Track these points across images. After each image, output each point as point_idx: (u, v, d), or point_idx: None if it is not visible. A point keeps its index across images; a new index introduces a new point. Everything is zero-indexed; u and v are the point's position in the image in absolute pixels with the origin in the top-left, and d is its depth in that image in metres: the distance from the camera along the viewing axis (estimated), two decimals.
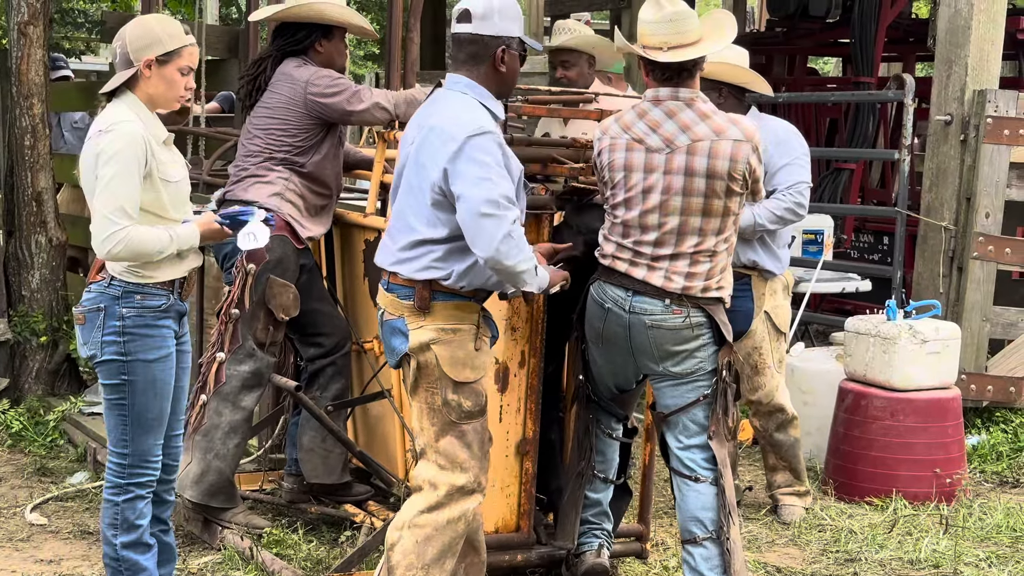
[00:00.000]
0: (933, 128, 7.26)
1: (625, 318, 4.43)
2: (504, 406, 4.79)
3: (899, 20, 10.60)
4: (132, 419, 4.23)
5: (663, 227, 4.38)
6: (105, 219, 4.02)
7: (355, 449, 5.48)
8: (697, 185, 4.35)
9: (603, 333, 4.52)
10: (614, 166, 4.45)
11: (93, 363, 4.24)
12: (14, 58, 7.22)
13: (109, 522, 4.27)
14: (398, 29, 7.29)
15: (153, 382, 4.21)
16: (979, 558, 5.50)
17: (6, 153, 7.52)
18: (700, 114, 4.40)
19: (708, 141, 4.35)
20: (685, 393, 4.47)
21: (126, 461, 4.27)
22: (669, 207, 4.37)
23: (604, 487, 4.84)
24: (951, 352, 6.36)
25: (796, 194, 5.62)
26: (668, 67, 4.41)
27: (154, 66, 4.15)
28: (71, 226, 7.68)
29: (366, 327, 5.54)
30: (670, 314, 4.39)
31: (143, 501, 4.29)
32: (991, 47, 7.17)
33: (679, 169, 4.36)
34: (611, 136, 4.48)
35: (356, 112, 5.35)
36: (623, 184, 4.43)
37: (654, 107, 4.44)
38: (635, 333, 4.43)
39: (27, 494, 6.00)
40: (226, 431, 5.33)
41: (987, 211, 7.08)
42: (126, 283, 4.15)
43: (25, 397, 7.26)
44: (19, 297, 7.38)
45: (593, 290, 4.53)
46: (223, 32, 8.68)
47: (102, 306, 4.16)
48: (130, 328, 4.15)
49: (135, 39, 4.15)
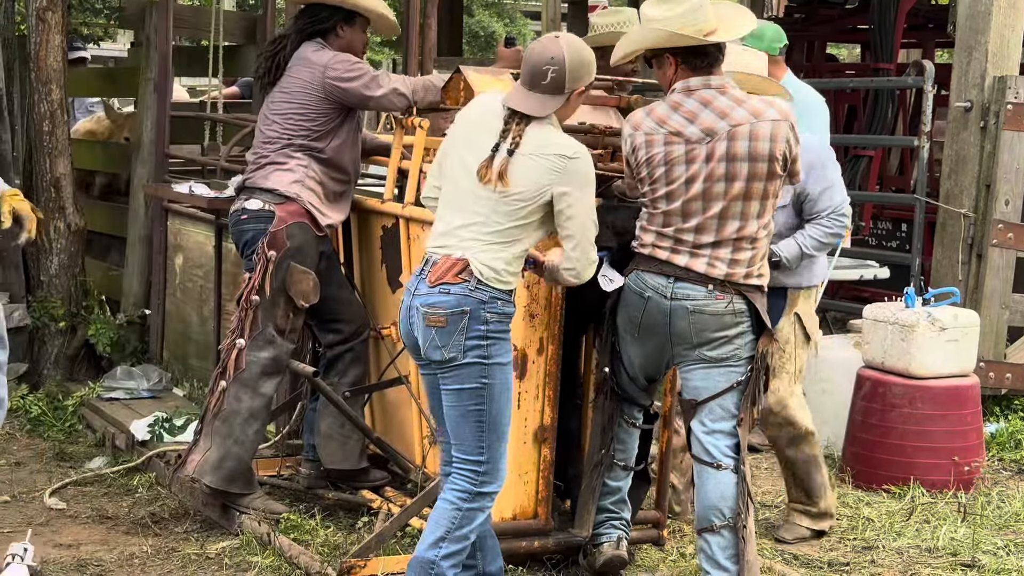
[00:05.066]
0: (953, 115, 7.23)
1: (666, 305, 4.42)
2: (522, 393, 4.79)
3: (918, 6, 10.54)
4: (489, 424, 4.23)
5: (706, 213, 4.37)
6: (591, 245, 4.28)
7: (372, 435, 5.49)
8: (740, 169, 4.35)
9: (641, 323, 4.50)
10: (653, 161, 4.41)
11: (447, 366, 4.20)
12: (32, 44, 7.22)
13: (445, 527, 4.22)
14: (416, 15, 7.30)
15: (507, 387, 4.26)
16: (997, 546, 5.49)
17: (25, 139, 7.54)
18: (735, 100, 4.40)
19: (747, 124, 4.36)
20: (717, 378, 4.46)
21: (481, 468, 4.25)
22: (712, 194, 4.37)
23: (624, 475, 4.83)
24: (970, 340, 6.34)
25: (839, 217, 5.51)
26: (697, 55, 4.39)
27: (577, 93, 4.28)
28: (89, 212, 7.70)
29: (384, 313, 5.54)
30: (713, 299, 4.39)
31: (483, 515, 4.28)
32: (1011, 33, 7.14)
33: (721, 156, 4.35)
34: (645, 131, 4.44)
35: (374, 97, 5.34)
36: (664, 178, 4.40)
37: (687, 98, 4.41)
38: (676, 319, 4.42)
39: (46, 479, 6.02)
40: (245, 417, 5.33)
41: (1007, 198, 7.05)
42: (492, 288, 4.18)
43: (44, 382, 7.29)
44: (38, 283, 7.40)
45: (630, 281, 4.51)
46: (240, 18, 8.69)
47: (467, 309, 4.16)
48: (493, 332, 4.19)
49: (574, 68, 4.21)
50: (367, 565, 4.71)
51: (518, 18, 23.65)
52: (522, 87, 4.24)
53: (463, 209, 4.24)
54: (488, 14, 23.14)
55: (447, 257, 4.21)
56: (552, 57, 4.19)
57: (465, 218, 4.23)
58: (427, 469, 5.25)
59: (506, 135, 4.19)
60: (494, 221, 4.20)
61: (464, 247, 4.20)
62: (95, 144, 8.68)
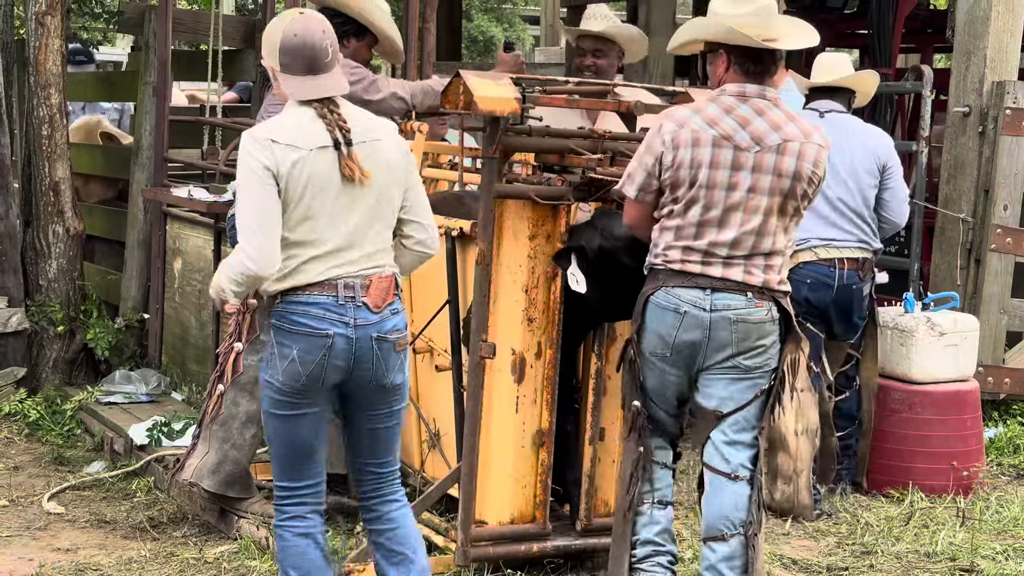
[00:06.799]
0: (951, 120, 7.23)
1: (706, 318, 4.31)
2: (520, 397, 4.78)
3: (917, 11, 10.53)
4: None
5: (743, 225, 4.29)
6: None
7: None
8: (783, 185, 4.30)
9: (675, 340, 4.34)
10: (696, 161, 4.29)
11: (401, 385, 4.10)
12: (32, 48, 7.23)
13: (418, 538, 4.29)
14: (415, 20, 7.30)
15: None
16: (996, 551, 5.48)
17: (24, 143, 7.54)
18: (787, 115, 4.37)
19: (798, 143, 4.31)
20: (744, 388, 4.37)
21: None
22: (752, 206, 4.30)
23: (662, 510, 4.53)
24: (969, 344, 6.34)
25: None
26: (750, 59, 4.34)
27: None
28: (88, 215, 7.70)
29: None
30: (753, 307, 4.32)
31: None
32: (1010, 38, 7.14)
33: (768, 168, 4.29)
34: (692, 129, 4.31)
35: (373, 101, 5.34)
36: (705, 182, 4.29)
37: (741, 103, 4.34)
38: (717, 331, 4.31)
39: (44, 483, 6.02)
40: (243, 421, 5.33)
41: (1005, 203, 7.06)
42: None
43: (42, 386, 7.28)
44: (36, 287, 7.40)
45: (659, 299, 4.35)
46: (239, 22, 8.69)
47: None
48: None
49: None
50: (365, 570, 4.70)
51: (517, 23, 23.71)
52: (307, 76, 3.95)
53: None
54: (487, 19, 23.18)
55: (380, 276, 4.01)
56: (324, 31, 3.98)
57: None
58: (426, 473, 5.26)
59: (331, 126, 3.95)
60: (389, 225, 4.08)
61: (386, 261, 4.06)
62: (95, 148, 8.69)
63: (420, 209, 4.13)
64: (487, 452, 4.75)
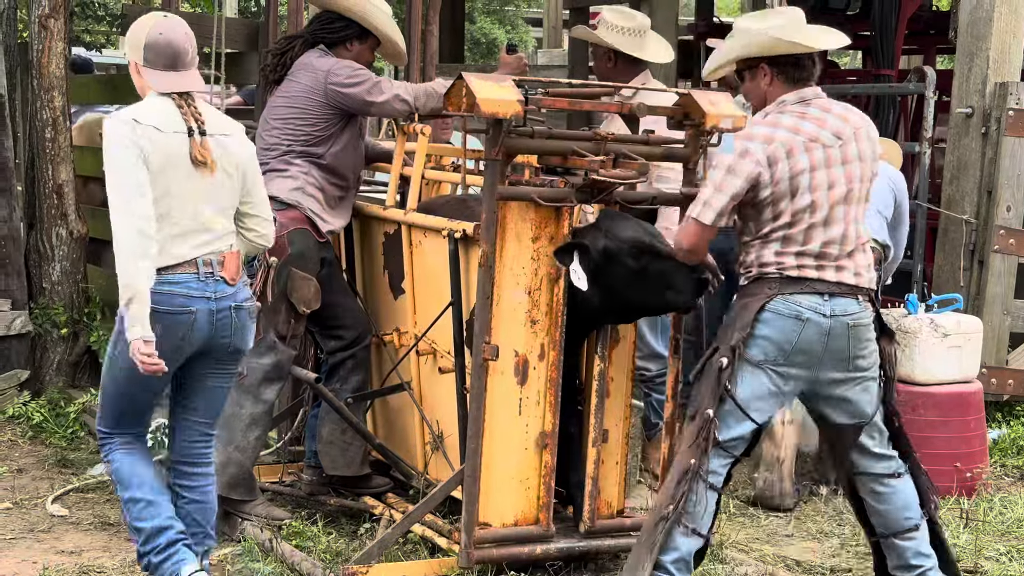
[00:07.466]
0: (954, 121, 7.23)
1: (826, 324, 4.34)
2: (523, 399, 4.79)
3: (920, 12, 10.53)
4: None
5: (847, 219, 4.40)
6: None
7: (374, 441, 5.49)
8: (866, 170, 4.46)
9: (793, 349, 4.34)
10: (796, 170, 4.33)
11: (243, 352, 4.54)
12: (35, 51, 7.24)
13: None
14: (417, 22, 7.30)
15: None
16: (1000, 552, 5.48)
17: (27, 146, 7.55)
18: (842, 107, 4.52)
19: (864, 127, 4.48)
20: (872, 389, 4.50)
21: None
22: (852, 196, 4.42)
23: (687, 537, 4.39)
24: (973, 346, 6.34)
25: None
26: (795, 66, 4.44)
27: None
28: (91, 218, 7.70)
29: (386, 320, 5.54)
30: (864, 310, 4.42)
31: None
32: (1013, 39, 7.14)
33: (853, 157, 4.43)
34: (782, 142, 4.34)
35: (376, 103, 5.35)
36: (808, 188, 4.34)
37: (808, 107, 4.45)
38: (834, 337, 4.35)
39: (48, 485, 6.02)
40: (247, 423, 5.34)
41: (1008, 204, 7.06)
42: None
43: (46, 389, 7.28)
44: (40, 289, 7.40)
45: (777, 307, 4.34)
46: (242, 25, 8.69)
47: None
48: None
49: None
50: (369, 572, 4.71)
51: (520, 25, 23.69)
52: (168, 71, 4.31)
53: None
54: (490, 21, 23.17)
55: (231, 252, 4.39)
56: (187, 34, 4.34)
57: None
58: (429, 475, 5.26)
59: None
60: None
61: (233, 241, 4.44)
62: (97, 151, 8.68)
63: (261, 205, 4.53)
64: (490, 454, 4.75)
